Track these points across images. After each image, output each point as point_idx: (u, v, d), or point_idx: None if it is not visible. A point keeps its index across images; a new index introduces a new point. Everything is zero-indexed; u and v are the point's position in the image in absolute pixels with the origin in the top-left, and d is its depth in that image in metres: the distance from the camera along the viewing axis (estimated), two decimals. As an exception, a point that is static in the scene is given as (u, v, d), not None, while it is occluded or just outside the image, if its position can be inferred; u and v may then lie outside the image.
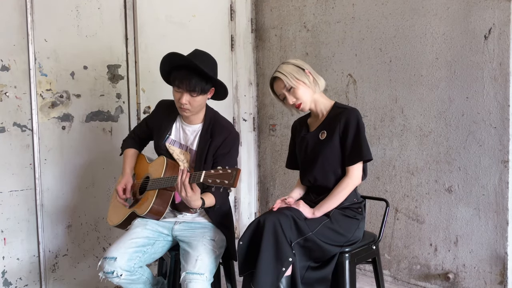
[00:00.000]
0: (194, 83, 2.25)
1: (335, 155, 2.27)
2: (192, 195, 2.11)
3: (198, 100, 2.30)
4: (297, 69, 2.29)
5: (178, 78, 2.28)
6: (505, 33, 2.64)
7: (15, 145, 2.83)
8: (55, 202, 2.98)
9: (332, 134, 2.28)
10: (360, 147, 2.23)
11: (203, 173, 2.04)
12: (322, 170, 2.30)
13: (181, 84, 2.27)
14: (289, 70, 2.28)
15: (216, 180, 2.01)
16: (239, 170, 2.02)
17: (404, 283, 3.15)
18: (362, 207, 2.34)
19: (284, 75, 2.27)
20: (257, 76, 3.98)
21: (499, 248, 2.74)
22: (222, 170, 2.03)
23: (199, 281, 2.10)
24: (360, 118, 2.26)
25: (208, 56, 2.36)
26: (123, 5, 3.18)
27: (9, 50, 2.78)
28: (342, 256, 2.23)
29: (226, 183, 2.00)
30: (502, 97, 2.68)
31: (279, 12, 3.77)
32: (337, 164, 2.28)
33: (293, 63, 2.31)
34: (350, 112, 2.27)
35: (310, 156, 2.35)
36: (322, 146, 2.30)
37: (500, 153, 2.71)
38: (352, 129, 2.23)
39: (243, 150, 3.91)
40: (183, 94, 2.28)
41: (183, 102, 2.28)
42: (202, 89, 2.28)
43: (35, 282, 2.93)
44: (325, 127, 2.32)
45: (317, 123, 2.38)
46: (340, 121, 2.25)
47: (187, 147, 2.42)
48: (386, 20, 3.11)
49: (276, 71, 2.31)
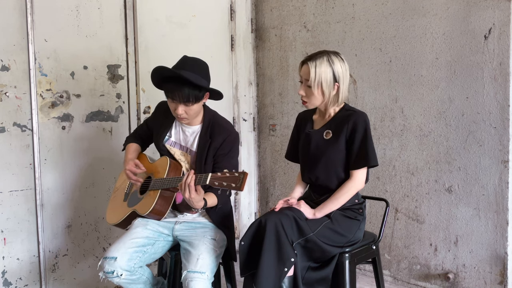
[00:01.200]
0: (188, 94, 2.22)
1: (339, 157, 2.26)
2: (195, 196, 2.12)
3: (194, 108, 2.29)
4: (330, 77, 2.21)
5: (170, 90, 2.26)
6: (505, 33, 2.64)
7: (15, 145, 2.83)
8: (55, 202, 2.98)
9: (338, 135, 2.25)
10: (366, 153, 2.20)
11: (210, 176, 2.04)
12: (325, 170, 2.29)
13: (175, 96, 2.24)
14: (322, 72, 2.19)
15: (223, 183, 2.01)
16: (247, 173, 2.02)
17: (404, 283, 3.15)
18: (363, 208, 2.34)
19: (314, 72, 2.19)
20: (257, 76, 3.98)
21: (499, 248, 2.74)
22: (229, 173, 2.03)
23: (201, 280, 2.11)
24: (368, 123, 2.23)
25: (198, 61, 2.33)
26: (123, 5, 3.18)
27: (9, 50, 2.78)
28: (342, 256, 2.23)
29: (233, 186, 2.00)
30: (502, 97, 2.68)
31: (279, 12, 3.77)
32: (340, 166, 2.27)
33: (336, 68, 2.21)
34: (359, 115, 2.24)
35: (313, 154, 2.33)
36: (326, 146, 2.28)
37: (500, 153, 2.71)
38: (360, 134, 2.21)
39: (243, 150, 3.91)
40: (178, 105, 2.26)
41: (179, 113, 2.27)
42: (196, 97, 2.25)
43: (35, 282, 2.93)
44: (331, 127, 2.29)
45: (322, 122, 2.35)
46: (348, 123, 2.22)
47: (187, 149, 2.42)
48: (386, 20, 3.11)
49: (315, 60, 2.20)
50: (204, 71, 2.32)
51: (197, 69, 2.28)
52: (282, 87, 3.77)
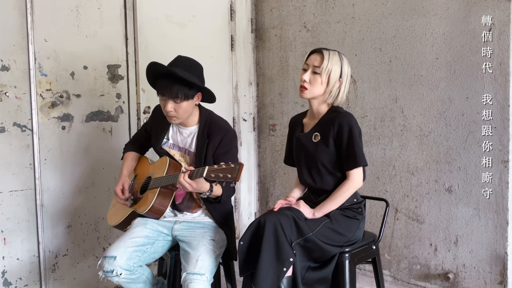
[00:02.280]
0: (176, 90, 2.24)
1: (330, 159, 2.26)
2: (196, 186, 2.16)
3: (184, 106, 2.29)
4: (338, 71, 2.25)
5: (161, 86, 2.30)
6: (505, 33, 2.64)
7: (15, 145, 2.83)
8: (55, 202, 2.98)
9: (326, 137, 2.26)
10: (354, 154, 2.20)
11: (206, 168, 2.06)
12: (320, 173, 2.29)
13: (164, 92, 2.28)
14: (334, 63, 2.24)
15: (219, 174, 2.03)
16: (242, 164, 2.04)
17: (404, 283, 3.15)
18: (362, 207, 2.34)
19: (328, 60, 2.23)
20: (257, 76, 3.98)
21: (499, 248, 2.74)
22: (225, 165, 2.05)
23: (200, 282, 2.10)
24: (353, 124, 2.22)
25: (192, 61, 2.35)
26: (123, 5, 3.18)
27: (9, 50, 2.78)
28: (342, 256, 2.23)
29: (229, 177, 2.02)
30: (502, 97, 2.68)
31: (279, 12, 3.77)
32: (334, 167, 2.27)
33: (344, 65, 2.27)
34: (343, 117, 2.23)
35: (305, 158, 2.34)
36: (315, 149, 2.28)
37: (500, 153, 2.70)
38: (345, 135, 2.21)
39: (243, 150, 3.91)
40: (167, 102, 2.28)
41: (168, 110, 2.29)
42: (185, 95, 2.27)
43: (35, 282, 2.93)
44: (318, 129, 2.30)
45: (311, 125, 2.36)
46: (334, 125, 2.23)
47: (185, 150, 2.42)
48: (386, 20, 3.11)
49: (327, 51, 2.25)
50: (196, 70, 2.34)
51: (190, 68, 2.31)
52: (282, 87, 3.77)
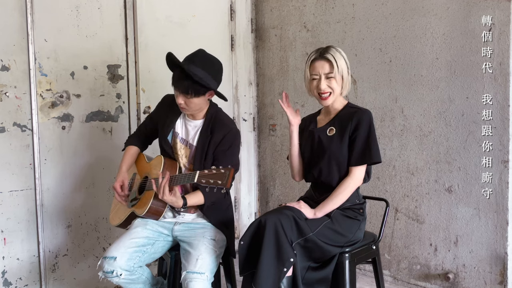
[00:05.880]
0: (187, 86, 2.23)
1: (342, 153, 2.26)
2: (168, 198, 2.16)
3: (194, 101, 2.29)
4: (346, 66, 2.28)
5: (174, 78, 2.30)
6: (505, 33, 2.64)
7: (15, 145, 2.83)
8: (55, 202, 2.98)
9: (342, 132, 2.26)
10: (370, 149, 2.22)
11: (197, 174, 2.04)
12: (328, 165, 2.29)
13: (176, 85, 2.28)
14: (341, 60, 2.26)
15: (210, 180, 2.02)
16: (232, 169, 2.02)
17: (404, 283, 3.15)
18: (363, 208, 2.34)
19: (335, 62, 2.24)
20: (257, 76, 3.98)
21: (499, 248, 2.74)
22: (216, 170, 2.03)
23: (200, 281, 2.11)
24: (372, 121, 2.25)
25: (210, 58, 2.32)
26: (123, 5, 3.18)
27: (9, 50, 2.78)
28: (342, 256, 2.23)
29: (219, 183, 2.01)
30: (502, 97, 2.68)
31: (279, 12, 3.77)
32: (342, 162, 2.27)
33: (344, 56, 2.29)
34: (364, 112, 2.26)
35: (317, 150, 2.34)
36: (329, 142, 2.29)
37: (500, 153, 2.70)
38: (364, 131, 2.22)
39: (243, 150, 3.91)
40: (179, 95, 2.28)
41: (179, 102, 2.30)
42: (196, 91, 2.25)
43: (35, 282, 2.93)
44: (335, 124, 2.31)
45: (326, 120, 2.37)
46: (352, 120, 2.24)
47: (187, 142, 2.42)
48: (386, 20, 3.11)
49: (330, 54, 2.25)
50: (214, 70, 2.31)
51: (205, 65, 2.27)
52: (282, 87, 3.77)
